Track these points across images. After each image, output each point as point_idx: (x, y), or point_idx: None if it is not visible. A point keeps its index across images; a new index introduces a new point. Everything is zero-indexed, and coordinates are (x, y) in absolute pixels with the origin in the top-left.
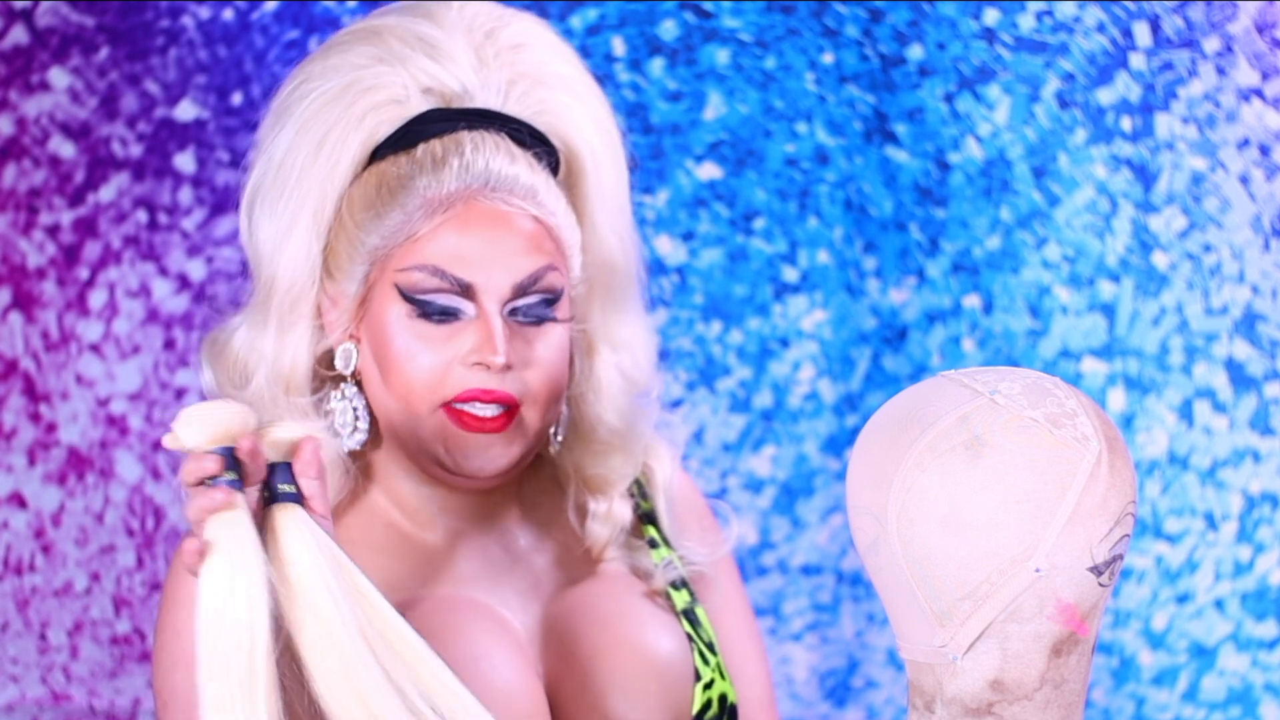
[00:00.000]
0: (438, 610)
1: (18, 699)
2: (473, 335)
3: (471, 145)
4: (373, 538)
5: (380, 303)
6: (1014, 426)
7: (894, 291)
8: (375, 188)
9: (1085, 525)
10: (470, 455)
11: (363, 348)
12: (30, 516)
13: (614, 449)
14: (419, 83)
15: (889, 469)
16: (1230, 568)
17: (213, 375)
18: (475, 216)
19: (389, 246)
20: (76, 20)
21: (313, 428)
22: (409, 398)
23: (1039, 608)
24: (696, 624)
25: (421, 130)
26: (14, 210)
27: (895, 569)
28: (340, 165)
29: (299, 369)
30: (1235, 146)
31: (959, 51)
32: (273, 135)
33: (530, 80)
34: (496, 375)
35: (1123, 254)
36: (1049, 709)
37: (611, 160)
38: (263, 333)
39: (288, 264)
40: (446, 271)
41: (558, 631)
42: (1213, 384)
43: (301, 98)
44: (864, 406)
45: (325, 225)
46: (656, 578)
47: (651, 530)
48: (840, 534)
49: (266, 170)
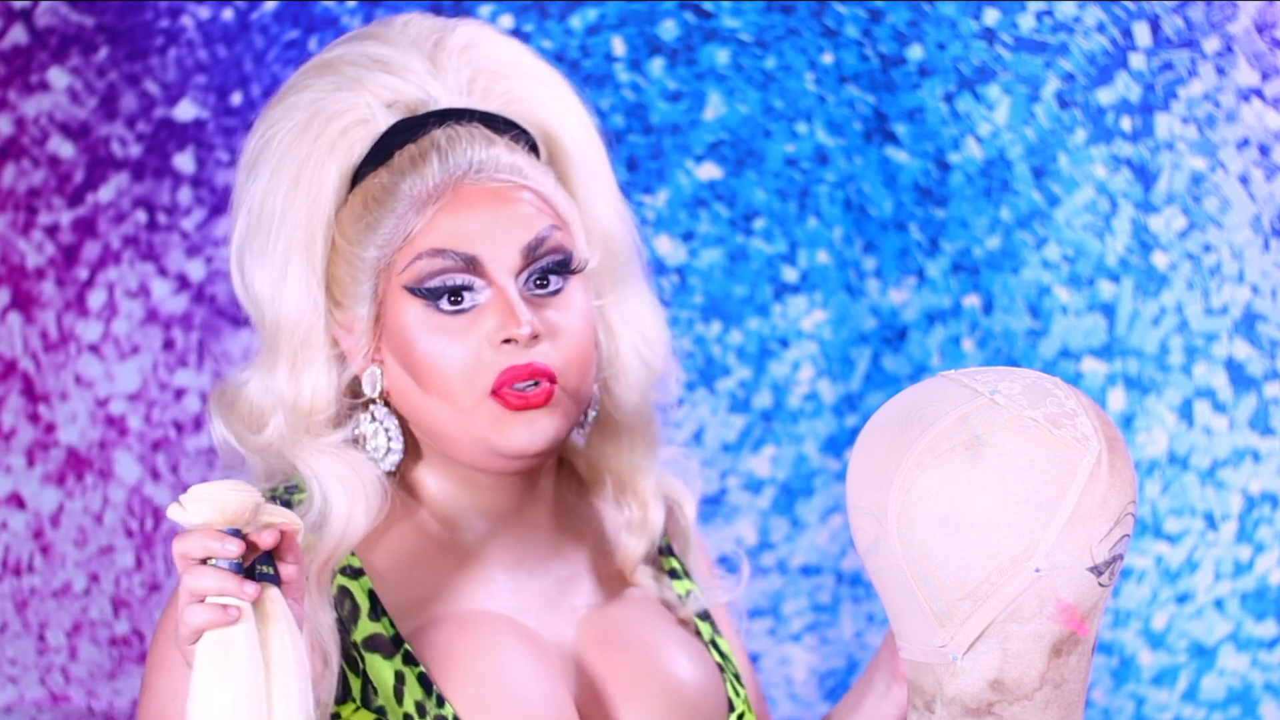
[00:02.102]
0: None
1: (16, 700)
2: (493, 315)
3: (447, 138)
4: (411, 550)
5: (395, 312)
6: (1014, 426)
7: (894, 291)
8: (362, 205)
9: (1085, 525)
10: (516, 432)
11: (387, 367)
12: (29, 517)
13: (638, 435)
14: (381, 99)
15: (889, 469)
16: (1230, 568)
17: (225, 426)
18: (467, 198)
19: (388, 254)
20: (76, 20)
21: (291, 518)
22: (451, 396)
23: (1039, 608)
24: (724, 655)
25: (394, 141)
26: (13, 210)
27: (895, 569)
28: (321, 196)
29: (320, 405)
30: (1235, 146)
31: (959, 51)
32: (248, 186)
33: (488, 74)
34: (526, 349)
35: (1123, 254)
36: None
37: (588, 136)
38: (275, 377)
39: (289, 304)
40: (448, 249)
41: (587, 655)
42: (1213, 384)
43: (268, 142)
44: (864, 406)
45: (319, 258)
46: (686, 606)
47: (673, 562)
48: (840, 534)
49: (248, 221)
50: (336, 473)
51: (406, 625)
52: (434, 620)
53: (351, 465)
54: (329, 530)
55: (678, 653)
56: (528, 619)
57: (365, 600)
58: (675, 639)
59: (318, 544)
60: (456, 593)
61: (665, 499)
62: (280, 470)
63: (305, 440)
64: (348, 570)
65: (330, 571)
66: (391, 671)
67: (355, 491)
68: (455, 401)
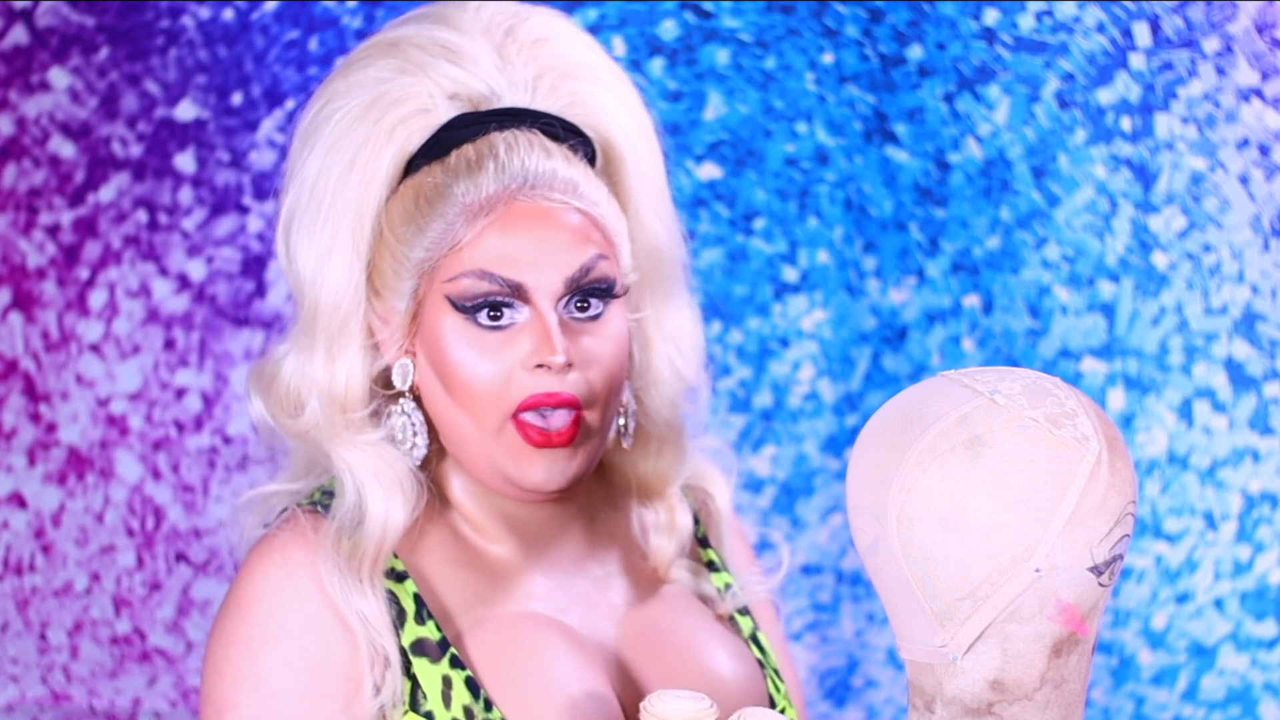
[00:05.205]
0: (519, 627)
1: (18, 699)
2: (530, 338)
3: (505, 145)
4: (450, 551)
5: (433, 317)
6: (1014, 426)
7: (894, 291)
8: (413, 200)
9: (1085, 525)
10: (535, 469)
11: (419, 361)
12: (30, 516)
13: (666, 444)
14: (444, 89)
15: (889, 469)
16: (1230, 567)
17: (263, 405)
18: (518, 216)
19: (434, 258)
20: (76, 20)
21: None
22: (477, 412)
23: (1039, 608)
24: (764, 651)
25: (452, 137)
26: (14, 210)
27: (895, 569)
28: (374, 182)
29: (354, 392)
30: (1235, 146)
31: (959, 51)
32: (302, 158)
33: (556, 73)
34: (558, 376)
35: (1123, 254)
36: (1049, 709)
37: (647, 145)
38: (312, 358)
39: (331, 288)
40: (495, 274)
41: (629, 654)
42: (1212, 384)
43: (327, 118)
44: (864, 406)
45: (365, 245)
46: (725, 601)
47: (711, 554)
48: (840, 534)
49: (300, 195)
50: (371, 468)
51: (452, 628)
52: (479, 623)
53: (387, 460)
54: (368, 528)
55: (717, 649)
56: (570, 619)
57: (411, 604)
58: (714, 635)
59: (361, 544)
60: (499, 595)
61: (697, 489)
62: (318, 461)
63: (342, 433)
64: (392, 574)
65: (380, 568)
66: (439, 675)
67: (391, 486)
68: (480, 418)
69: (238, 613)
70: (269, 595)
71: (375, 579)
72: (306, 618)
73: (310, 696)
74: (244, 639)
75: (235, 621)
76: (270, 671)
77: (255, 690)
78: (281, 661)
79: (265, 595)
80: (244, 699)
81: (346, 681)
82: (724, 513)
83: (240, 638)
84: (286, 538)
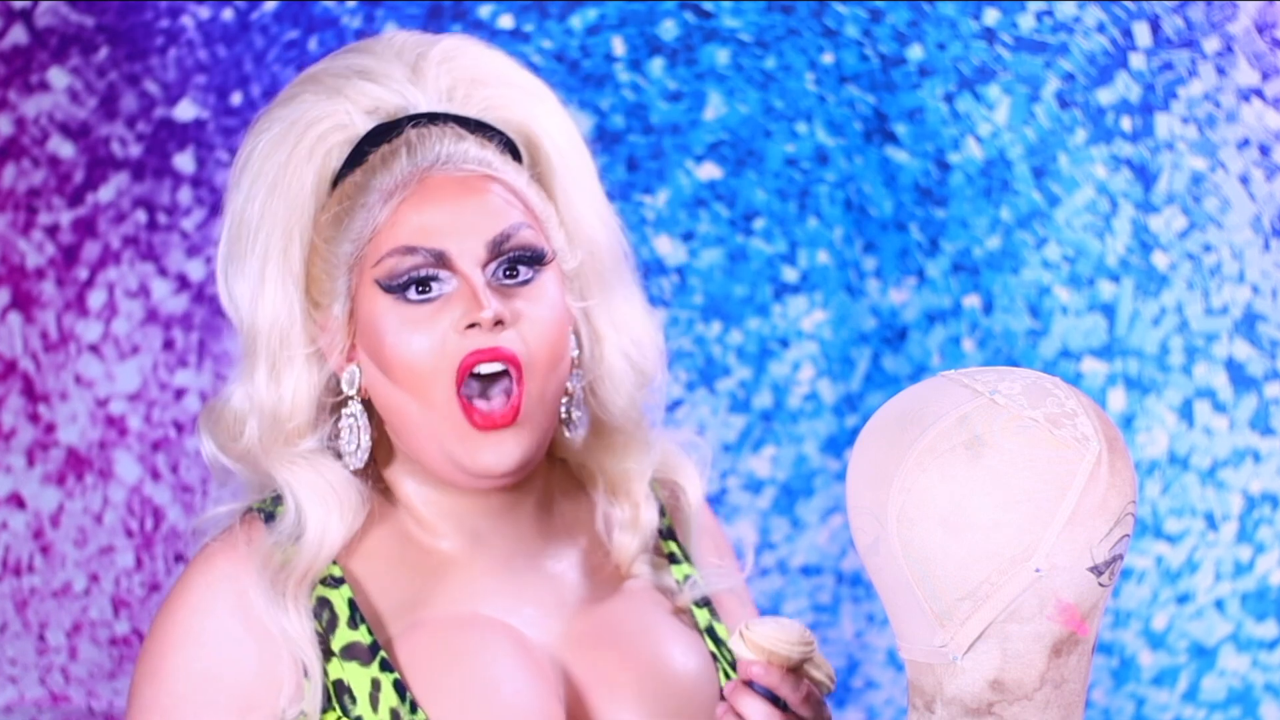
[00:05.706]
0: (457, 629)
1: (16, 700)
2: (459, 303)
3: (418, 136)
4: (394, 554)
5: (367, 307)
6: (1014, 426)
7: (894, 291)
8: (338, 203)
9: (1085, 525)
10: (484, 452)
11: (364, 365)
12: (29, 517)
13: (631, 440)
14: (360, 106)
15: (889, 469)
16: (1230, 568)
17: (211, 441)
18: (432, 189)
19: (359, 248)
20: (76, 20)
21: (828, 675)
22: (419, 389)
23: (1039, 608)
24: (719, 643)
25: (371, 146)
26: (13, 210)
27: (895, 569)
28: (299, 199)
29: (300, 406)
30: (1235, 146)
31: (959, 51)
32: (232, 197)
33: (469, 82)
34: (491, 334)
35: (1123, 254)
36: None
37: (570, 141)
38: (254, 379)
39: (266, 308)
40: (416, 246)
41: (580, 651)
42: (1213, 384)
43: (250, 154)
44: (864, 406)
45: (297, 260)
46: (683, 593)
47: (672, 545)
48: (840, 534)
49: (230, 227)
50: (310, 484)
51: (387, 631)
52: (414, 625)
53: (324, 474)
54: (305, 542)
55: (671, 645)
56: (515, 619)
57: (345, 609)
58: (669, 630)
59: (296, 556)
60: (440, 596)
61: (667, 481)
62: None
63: (278, 449)
64: (329, 580)
65: (310, 583)
66: (368, 678)
67: (329, 501)
68: (424, 395)
69: (164, 613)
70: (190, 602)
71: (300, 594)
72: (215, 629)
73: (200, 705)
74: (160, 637)
75: (160, 621)
76: (170, 673)
77: (155, 688)
78: (183, 665)
79: (187, 602)
80: (145, 692)
81: (246, 695)
82: (694, 506)
83: (158, 636)
84: (216, 548)
